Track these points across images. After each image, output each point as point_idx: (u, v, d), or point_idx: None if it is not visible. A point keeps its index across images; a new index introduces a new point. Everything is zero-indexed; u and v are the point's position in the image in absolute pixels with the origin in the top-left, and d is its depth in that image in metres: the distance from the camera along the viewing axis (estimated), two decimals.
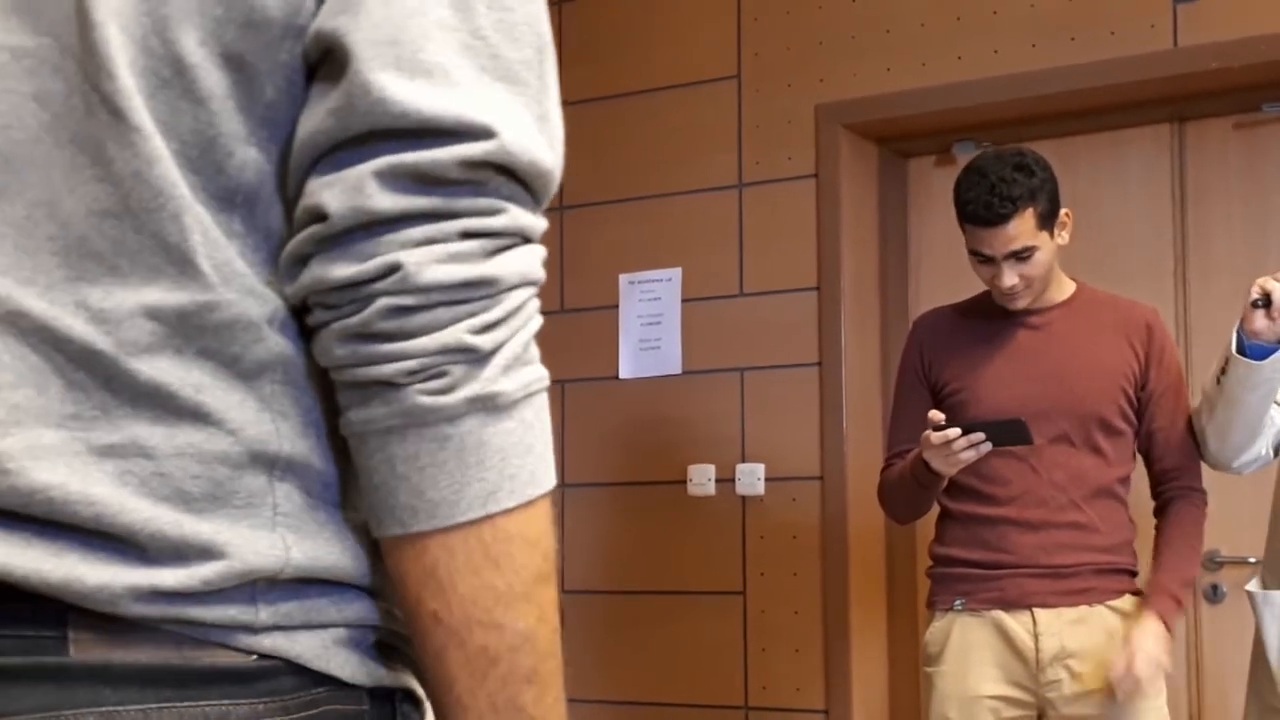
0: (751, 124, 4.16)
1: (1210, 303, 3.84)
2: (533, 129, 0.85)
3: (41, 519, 0.80)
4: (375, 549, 0.89)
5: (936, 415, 2.78)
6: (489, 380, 0.83)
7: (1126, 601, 2.90)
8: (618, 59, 4.37)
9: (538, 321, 0.88)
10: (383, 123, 0.82)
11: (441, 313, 0.82)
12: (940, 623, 2.97)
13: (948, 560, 2.97)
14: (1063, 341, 2.93)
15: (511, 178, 0.85)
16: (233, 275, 0.84)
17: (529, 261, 0.86)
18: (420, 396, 0.82)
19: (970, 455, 2.75)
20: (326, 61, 0.84)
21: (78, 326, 0.82)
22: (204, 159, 0.84)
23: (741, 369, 4.13)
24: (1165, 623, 2.81)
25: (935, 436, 2.75)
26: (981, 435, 2.73)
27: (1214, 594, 3.80)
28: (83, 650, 0.80)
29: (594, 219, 4.36)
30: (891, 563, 4.10)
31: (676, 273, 4.23)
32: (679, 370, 4.21)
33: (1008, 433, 2.74)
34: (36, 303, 0.83)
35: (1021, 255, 2.85)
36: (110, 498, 0.80)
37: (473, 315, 0.83)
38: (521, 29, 0.87)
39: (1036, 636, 2.86)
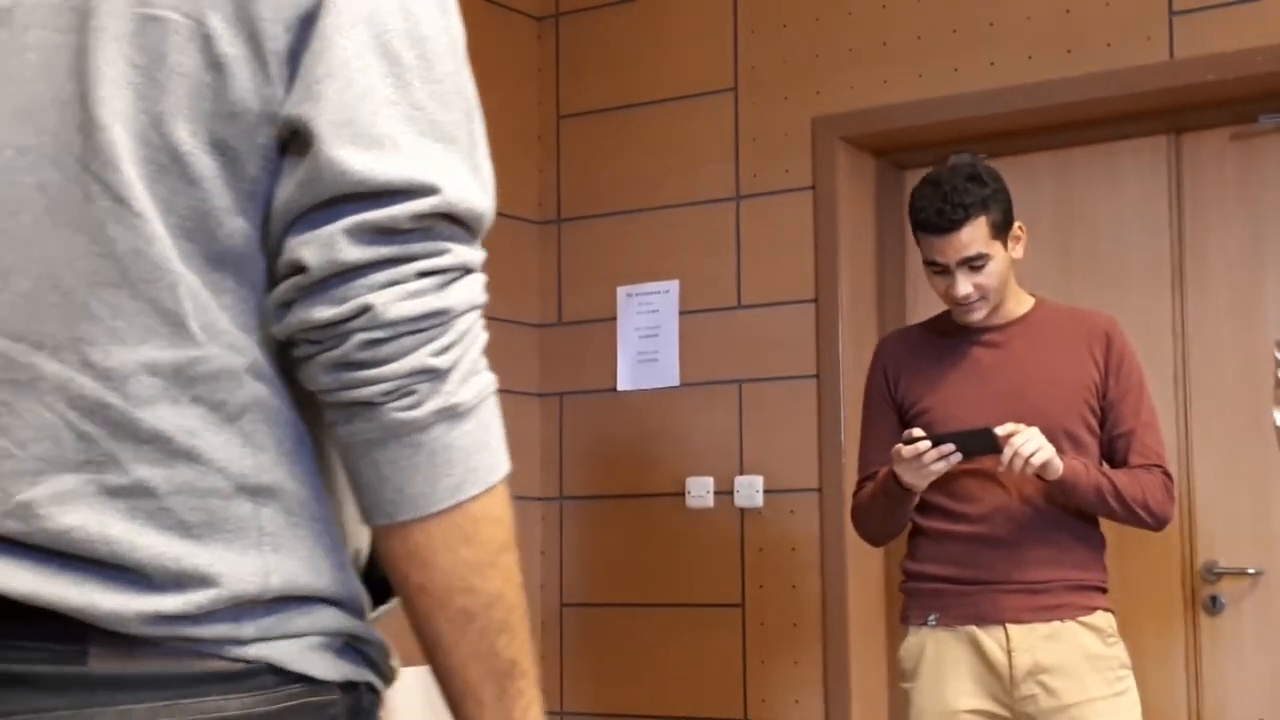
0: (748, 136, 4.17)
1: (1207, 313, 3.84)
2: (468, 178, 1.03)
3: (66, 553, 0.98)
4: (342, 563, 1.07)
5: (916, 431, 2.80)
6: (450, 393, 1.01)
7: (1099, 618, 2.91)
8: (614, 72, 4.38)
9: (484, 337, 1.05)
10: (345, 189, 0.99)
11: (407, 340, 1.00)
12: (914, 638, 2.99)
13: (920, 576, 3.00)
14: (1024, 356, 2.96)
15: (453, 222, 1.02)
16: (217, 333, 1.01)
17: (473, 290, 1.04)
18: (395, 413, 1.00)
19: (941, 466, 2.78)
20: (294, 140, 1.01)
21: (89, 385, 1.00)
22: (199, 230, 1.02)
23: (739, 381, 4.13)
24: (1068, 468, 2.80)
25: (906, 450, 2.78)
26: (951, 446, 2.77)
27: (1213, 605, 3.80)
28: (100, 662, 0.98)
29: (591, 232, 4.37)
30: (890, 574, 4.10)
31: (674, 285, 4.24)
32: (677, 383, 4.21)
33: (977, 442, 2.77)
34: (49, 364, 1.01)
35: (975, 264, 2.88)
36: (123, 535, 0.99)
37: (432, 340, 1.00)
38: (451, 96, 1.04)
39: (1010, 652, 2.88)
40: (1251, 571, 3.76)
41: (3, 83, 1.05)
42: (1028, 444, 2.75)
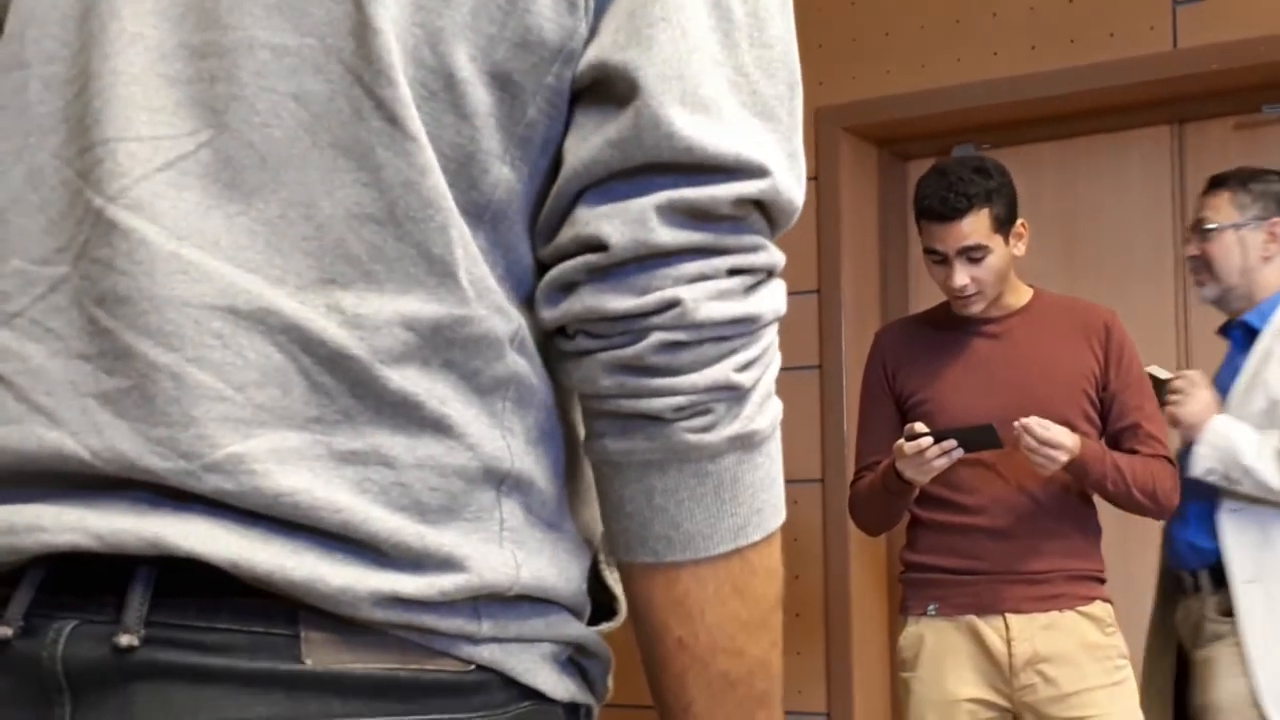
0: None
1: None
2: (786, 165, 0.86)
3: (280, 519, 0.80)
4: (583, 573, 0.91)
5: (919, 426, 2.81)
6: (748, 419, 0.85)
7: (1097, 607, 2.92)
8: None
9: (779, 358, 0.89)
10: (665, 156, 0.82)
11: (709, 349, 0.84)
12: (913, 628, 3.00)
13: (920, 567, 3.00)
14: (1023, 348, 2.96)
15: (764, 214, 0.86)
16: (485, 291, 0.84)
17: (779, 298, 0.87)
18: (686, 434, 0.84)
19: (943, 462, 2.79)
20: (601, 90, 0.84)
21: (331, 329, 0.82)
22: (460, 174, 0.84)
23: None
24: (1083, 448, 2.81)
25: (908, 446, 2.79)
26: (953, 442, 2.78)
27: None
28: (313, 652, 0.80)
29: None
30: (893, 564, 4.10)
31: None
32: None
33: (978, 438, 2.78)
34: (287, 302, 0.82)
35: (974, 255, 2.89)
36: (354, 505, 0.81)
37: (735, 353, 0.84)
38: (777, 65, 0.88)
39: (1009, 641, 2.89)
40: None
41: None
42: (1049, 433, 2.75)
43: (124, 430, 0.82)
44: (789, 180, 0.86)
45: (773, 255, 0.87)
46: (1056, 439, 2.77)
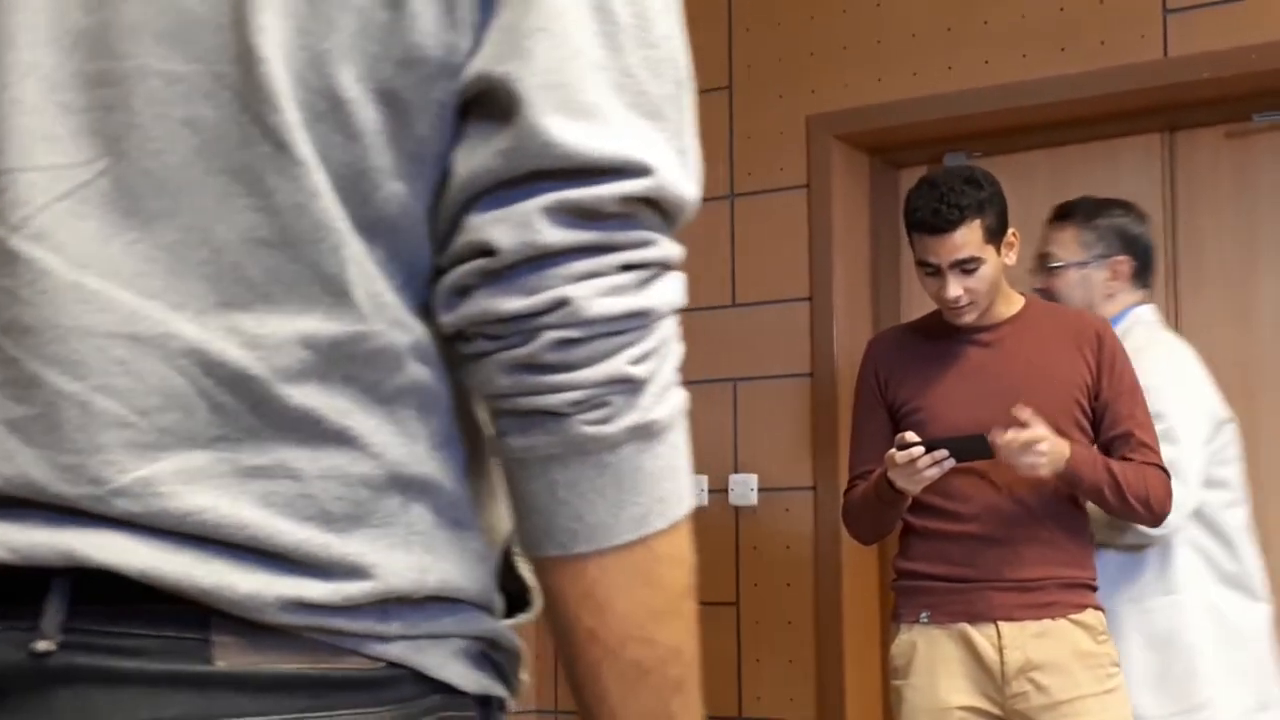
0: (743, 135, 4.17)
1: (1201, 312, 3.84)
2: (675, 162, 0.89)
3: (190, 535, 0.83)
4: (490, 570, 0.94)
5: (910, 436, 2.81)
6: (646, 409, 0.87)
7: (1090, 615, 2.92)
8: None
9: (680, 348, 0.91)
10: (549, 163, 0.85)
11: (602, 344, 0.86)
12: (906, 636, 3.00)
13: (913, 574, 3.00)
14: (1015, 356, 2.97)
15: (656, 210, 0.89)
16: (382, 306, 0.87)
17: (674, 290, 0.90)
18: (584, 426, 0.86)
19: (934, 472, 2.80)
20: (486, 101, 0.87)
21: (231, 351, 0.84)
22: (353, 191, 0.87)
23: (734, 380, 4.13)
24: (1073, 454, 2.81)
25: (900, 456, 2.80)
26: (945, 452, 2.78)
27: None
28: (224, 654, 0.84)
29: None
30: (884, 573, 4.10)
31: None
32: None
33: (970, 448, 2.79)
34: (188, 327, 0.85)
35: (967, 266, 2.90)
36: (260, 520, 0.84)
37: (630, 346, 0.87)
38: (665, 65, 0.90)
39: (1001, 650, 2.89)
40: None
41: None
42: (1038, 442, 2.75)
43: (32, 457, 0.85)
44: (677, 176, 0.89)
45: (665, 249, 0.89)
46: (1031, 436, 2.76)
